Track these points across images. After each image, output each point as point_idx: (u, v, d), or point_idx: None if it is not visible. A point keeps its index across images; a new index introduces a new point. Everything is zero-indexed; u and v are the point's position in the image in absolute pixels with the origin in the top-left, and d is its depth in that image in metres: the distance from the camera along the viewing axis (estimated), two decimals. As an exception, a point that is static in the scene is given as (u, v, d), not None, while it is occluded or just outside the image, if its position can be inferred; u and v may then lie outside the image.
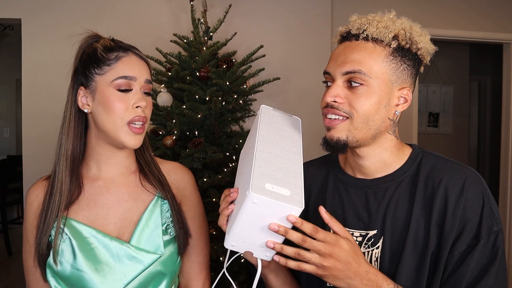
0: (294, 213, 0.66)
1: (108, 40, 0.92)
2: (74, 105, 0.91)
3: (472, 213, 0.77)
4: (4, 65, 5.25)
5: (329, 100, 0.81)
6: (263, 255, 0.74)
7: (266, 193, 0.64)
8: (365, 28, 0.81)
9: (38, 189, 0.94)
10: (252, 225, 0.68)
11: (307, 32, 2.95)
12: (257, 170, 0.68)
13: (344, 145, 0.82)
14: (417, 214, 0.81)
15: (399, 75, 0.82)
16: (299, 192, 0.68)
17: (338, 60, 0.82)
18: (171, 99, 1.94)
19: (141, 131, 0.89)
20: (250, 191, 0.63)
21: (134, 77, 0.88)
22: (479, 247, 0.76)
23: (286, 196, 0.65)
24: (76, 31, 0.94)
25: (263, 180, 0.66)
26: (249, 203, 0.64)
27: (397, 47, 0.81)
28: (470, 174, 0.80)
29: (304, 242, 0.70)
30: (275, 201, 0.64)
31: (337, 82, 0.82)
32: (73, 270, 0.86)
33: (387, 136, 0.85)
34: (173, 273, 0.94)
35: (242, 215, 0.67)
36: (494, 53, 4.82)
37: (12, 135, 5.41)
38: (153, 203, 0.94)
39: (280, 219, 0.67)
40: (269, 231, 0.68)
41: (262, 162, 0.71)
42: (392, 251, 0.82)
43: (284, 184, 0.68)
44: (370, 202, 0.86)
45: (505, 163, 3.49)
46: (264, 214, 0.66)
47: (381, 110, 0.81)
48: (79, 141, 0.92)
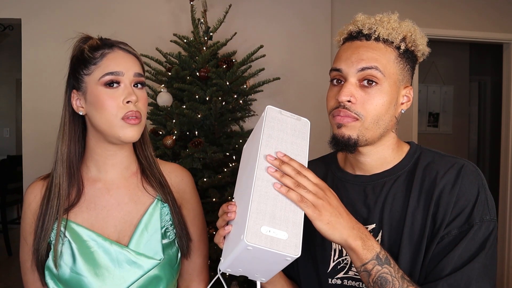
0: (289, 258, 0.64)
1: (95, 39, 0.91)
2: (68, 109, 0.91)
3: (466, 201, 0.77)
4: (4, 65, 5.25)
5: (344, 99, 0.79)
6: (258, 279, 0.74)
7: (262, 240, 0.62)
8: (375, 28, 0.82)
9: (36, 189, 0.93)
10: (247, 261, 0.67)
11: (307, 32, 2.95)
12: (254, 209, 0.65)
13: (354, 144, 0.81)
14: (413, 206, 0.81)
15: (404, 75, 0.84)
16: (297, 232, 0.65)
17: (352, 58, 0.81)
18: (171, 99, 1.94)
19: (137, 121, 0.87)
20: (244, 239, 0.61)
21: (121, 72, 0.86)
22: (471, 233, 0.75)
23: (282, 241, 0.63)
24: (76, 31, 0.94)
25: (259, 222, 0.63)
26: (244, 248, 0.62)
27: (405, 49, 0.83)
28: (466, 165, 0.80)
29: (298, 175, 0.69)
30: (270, 250, 0.62)
31: (351, 80, 0.81)
32: (72, 274, 0.86)
33: (391, 134, 0.87)
34: (170, 277, 0.93)
35: (236, 253, 0.65)
36: (494, 53, 4.82)
37: (12, 135, 5.41)
38: (152, 206, 0.94)
39: (276, 263, 0.66)
40: (265, 265, 0.67)
41: (261, 197, 0.66)
42: (391, 244, 0.82)
43: (282, 224, 0.65)
44: (369, 197, 0.86)
45: (505, 163, 3.49)
46: (260, 256, 0.64)
47: (391, 110, 0.82)
48: (75, 144, 0.92)
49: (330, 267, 0.88)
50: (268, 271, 0.70)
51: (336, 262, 0.88)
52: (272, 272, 0.71)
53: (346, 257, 0.87)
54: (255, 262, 0.66)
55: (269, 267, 0.68)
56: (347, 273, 0.86)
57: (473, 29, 3.29)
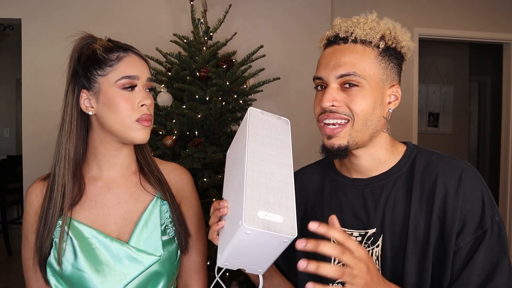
0: (287, 239, 0.65)
1: (105, 40, 0.92)
2: (76, 108, 0.91)
3: (472, 203, 0.77)
4: (4, 65, 5.26)
5: (327, 105, 0.80)
6: (256, 270, 0.75)
7: (259, 224, 0.64)
8: (352, 30, 0.82)
9: (37, 188, 0.94)
10: (245, 249, 0.68)
11: (307, 32, 2.95)
12: (249, 196, 0.67)
13: (345, 150, 0.82)
14: (415, 210, 0.81)
15: (388, 74, 0.84)
16: (291, 216, 0.67)
17: (330, 64, 0.82)
18: (171, 99, 1.94)
19: (149, 124, 0.91)
20: (243, 223, 0.63)
21: (137, 76, 0.89)
22: (486, 239, 0.75)
23: (278, 224, 0.65)
24: (76, 31, 0.94)
25: (255, 208, 0.66)
26: (242, 233, 0.64)
27: (384, 47, 0.83)
28: (466, 167, 0.81)
29: (343, 255, 0.62)
30: (268, 232, 0.64)
31: (332, 86, 0.81)
32: (74, 270, 0.87)
33: (382, 134, 0.86)
34: (171, 273, 0.94)
35: (235, 241, 0.66)
36: (494, 53, 4.82)
37: (12, 135, 5.41)
38: (152, 203, 0.95)
39: (274, 248, 0.67)
40: (264, 253, 0.68)
41: (254, 185, 0.69)
42: (394, 249, 0.81)
43: (276, 209, 0.67)
44: (368, 200, 0.86)
45: (505, 163, 3.49)
46: (258, 241, 0.66)
47: (377, 110, 0.82)
48: (81, 143, 0.93)
49: None
50: (265, 260, 0.71)
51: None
52: (269, 260, 0.71)
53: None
54: (253, 251, 0.68)
55: (266, 254, 0.69)
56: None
57: (473, 29, 3.29)
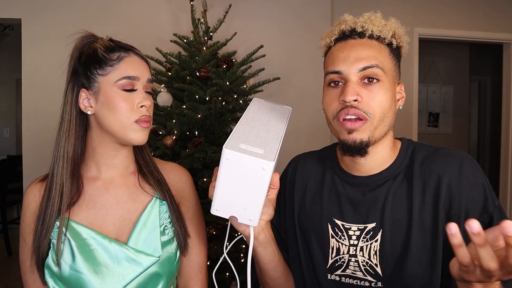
0: (265, 166, 0.67)
1: (106, 40, 0.91)
2: (75, 107, 0.90)
3: (475, 190, 0.78)
4: (4, 65, 5.25)
5: (351, 99, 0.78)
6: (247, 219, 0.75)
7: (239, 150, 0.68)
8: (367, 26, 0.82)
9: (35, 189, 0.93)
10: (231, 185, 0.70)
11: (307, 32, 2.95)
12: (237, 131, 0.73)
13: (366, 146, 0.81)
14: (418, 204, 0.81)
15: (397, 72, 0.86)
16: (273, 151, 0.70)
17: (350, 57, 0.80)
18: (171, 99, 1.94)
19: (148, 125, 0.90)
20: (224, 148, 0.67)
21: (137, 77, 0.88)
22: (494, 222, 0.75)
23: (258, 153, 0.68)
24: (76, 31, 0.94)
25: (239, 141, 0.70)
26: (224, 160, 0.68)
27: (396, 45, 0.84)
28: (464, 156, 0.82)
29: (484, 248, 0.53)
30: (246, 156, 0.67)
31: (353, 80, 0.79)
32: (72, 272, 0.86)
33: (390, 132, 0.87)
34: (170, 274, 0.93)
35: (220, 175, 0.70)
36: (494, 53, 4.82)
37: (12, 135, 5.41)
38: (151, 204, 0.94)
39: (256, 178, 0.69)
40: (249, 190, 0.70)
41: (245, 128, 0.75)
42: (394, 244, 0.82)
43: (258, 145, 0.71)
44: (368, 197, 0.86)
45: (505, 163, 3.49)
46: (240, 171, 0.68)
47: (392, 106, 0.83)
48: (80, 143, 0.92)
49: (329, 264, 0.88)
50: (253, 201, 0.72)
51: (334, 260, 0.88)
52: (257, 202, 0.72)
53: (343, 256, 0.87)
54: (238, 187, 0.70)
55: (251, 193, 0.71)
56: (345, 271, 0.86)
57: (473, 29, 3.29)
